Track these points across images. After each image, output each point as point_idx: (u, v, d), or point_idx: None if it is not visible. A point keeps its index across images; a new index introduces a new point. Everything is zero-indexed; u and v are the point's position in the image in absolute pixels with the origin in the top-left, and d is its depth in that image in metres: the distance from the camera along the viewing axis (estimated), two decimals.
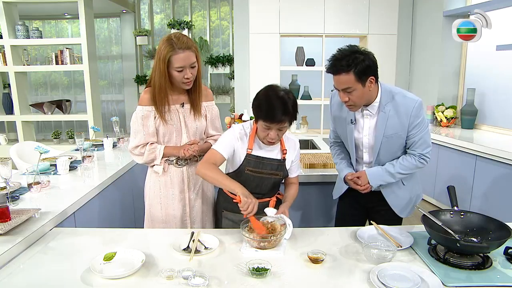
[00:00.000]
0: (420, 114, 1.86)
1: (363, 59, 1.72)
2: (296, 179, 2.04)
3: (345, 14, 4.93)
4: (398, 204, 2.03)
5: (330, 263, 1.49)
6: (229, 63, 7.32)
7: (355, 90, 1.75)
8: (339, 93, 1.81)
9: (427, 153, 1.93)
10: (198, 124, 2.06)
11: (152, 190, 2.09)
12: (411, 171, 1.95)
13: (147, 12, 7.69)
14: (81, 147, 2.89)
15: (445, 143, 4.03)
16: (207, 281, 1.30)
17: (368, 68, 1.73)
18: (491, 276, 1.37)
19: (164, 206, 2.07)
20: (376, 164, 1.98)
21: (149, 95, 1.95)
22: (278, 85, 1.79)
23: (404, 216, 2.06)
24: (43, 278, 1.38)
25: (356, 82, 1.73)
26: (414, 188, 2.09)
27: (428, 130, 1.94)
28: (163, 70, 1.85)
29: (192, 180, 2.09)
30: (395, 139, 1.90)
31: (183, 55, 1.83)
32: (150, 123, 1.97)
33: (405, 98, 1.87)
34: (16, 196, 2.08)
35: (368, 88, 1.78)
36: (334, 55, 1.77)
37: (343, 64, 1.71)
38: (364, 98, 1.81)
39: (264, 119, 1.72)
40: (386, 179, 1.94)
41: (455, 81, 4.83)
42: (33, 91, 7.94)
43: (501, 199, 3.31)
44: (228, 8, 7.59)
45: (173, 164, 2.05)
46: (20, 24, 5.42)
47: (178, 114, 2.01)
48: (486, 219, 1.59)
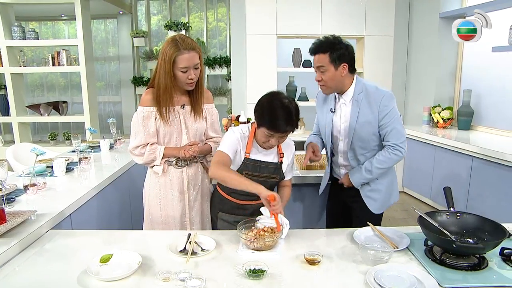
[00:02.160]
0: (389, 104, 2.00)
1: (340, 47, 1.94)
2: (289, 182, 2.06)
3: (342, 16, 4.94)
4: (372, 201, 2.13)
5: (327, 264, 1.49)
6: (226, 65, 7.32)
7: (328, 71, 1.96)
8: (316, 73, 2.03)
9: (400, 143, 2.02)
10: (199, 125, 2.06)
11: (151, 191, 2.09)
12: (388, 164, 2.04)
13: (144, 13, 7.69)
14: (77, 149, 2.88)
15: (442, 144, 4.05)
16: (203, 283, 1.30)
17: (343, 56, 1.95)
18: (487, 276, 1.37)
19: (163, 207, 2.07)
20: (351, 153, 2.11)
21: (151, 96, 1.95)
22: (281, 92, 1.82)
23: (380, 212, 2.15)
24: (39, 281, 1.38)
25: (329, 63, 1.95)
26: (389, 188, 2.17)
27: (400, 121, 2.06)
28: (169, 70, 1.86)
29: (191, 181, 2.09)
30: (367, 127, 2.03)
31: (188, 55, 1.85)
32: (151, 124, 1.97)
33: (377, 89, 2.04)
34: (12, 198, 2.07)
35: (341, 73, 1.97)
36: (317, 39, 1.99)
37: (322, 46, 1.96)
38: (335, 80, 1.99)
39: (268, 128, 1.73)
40: (366, 176, 2.07)
41: (451, 83, 4.85)
42: (30, 93, 7.92)
43: (497, 200, 3.33)
44: (225, 10, 7.60)
45: (172, 165, 2.05)
46: (17, 25, 5.40)
47: (178, 115, 2.01)
48: (482, 220, 1.60)
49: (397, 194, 2.22)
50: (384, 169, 2.05)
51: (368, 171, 2.05)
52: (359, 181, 2.09)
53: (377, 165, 2.03)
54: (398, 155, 2.01)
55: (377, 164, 2.03)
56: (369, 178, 2.07)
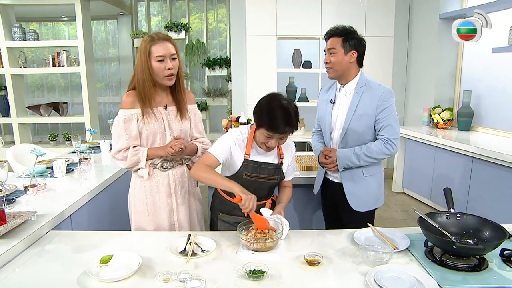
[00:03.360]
0: (389, 100, 2.05)
1: (355, 37, 2.06)
2: (290, 182, 2.06)
3: (342, 17, 4.94)
4: (354, 197, 2.15)
5: (327, 265, 1.49)
6: (226, 65, 7.33)
7: (337, 54, 2.05)
8: (326, 55, 2.12)
9: (394, 139, 2.05)
10: (183, 126, 2.02)
11: (137, 196, 2.03)
12: (376, 155, 2.06)
13: (144, 14, 7.69)
14: (77, 150, 2.88)
15: (442, 145, 4.05)
16: (203, 284, 1.30)
17: (354, 44, 2.05)
18: (488, 277, 1.37)
19: (151, 212, 2.02)
20: (343, 145, 2.14)
21: (132, 98, 1.92)
22: (280, 93, 1.82)
23: (360, 210, 2.16)
24: (39, 281, 1.38)
25: (341, 47, 2.04)
26: (375, 190, 2.19)
27: (397, 120, 2.09)
28: (146, 62, 1.86)
29: (178, 184, 2.05)
30: (364, 119, 2.07)
31: (163, 44, 1.88)
32: (132, 127, 1.93)
33: (379, 85, 2.10)
34: (12, 199, 2.07)
35: (349, 59, 2.05)
36: (335, 26, 2.11)
37: (338, 30, 2.07)
38: (342, 65, 2.06)
39: (267, 129, 1.73)
40: (353, 160, 2.08)
41: (451, 83, 4.85)
42: (30, 93, 7.92)
43: (497, 201, 3.32)
44: (225, 10, 7.60)
45: (158, 167, 2.01)
46: (17, 26, 5.41)
47: (161, 116, 1.97)
48: (482, 221, 1.60)
49: (381, 199, 2.23)
50: (371, 159, 2.06)
51: (356, 156, 2.06)
52: (343, 162, 2.09)
53: (366, 152, 2.05)
54: (389, 149, 2.04)
55: (366, 152, 2.05)
56: (355, 163, 2.07)
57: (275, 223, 1.74)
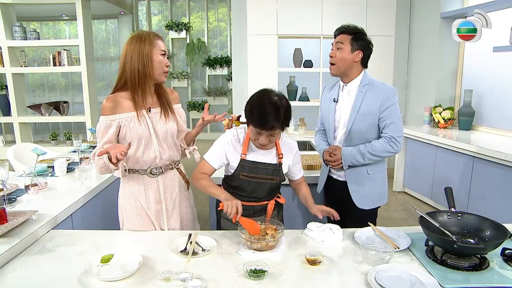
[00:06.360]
0: (392, 98, 2.07)
1: (364, 38, 2.09)
2: (302, 179, 2.07)
3: (342, 16, 4.94)
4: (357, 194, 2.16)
5: (328, 264, 1.49)
6: (227, 65, 7.33)
7: (344, 49, 2.07)
8: (332, 49, 2.13)
9: (398, 137, 2.06)
10: (169, 127, 1.94)
11: (127, 202, 1.97)
12: (381, 153, 2.07)
13: (145, 14, 7.70)
14: (78, 149, 2.88)
15: (443, 144, 4.04)
16: (204, 283, 1.30)
17: (362, 45, 2.07)
18: (489, 277, 1.37)
19: (142, 217, 1.97)
20: (347, 144, 2.15)
21: (113, 103, 1.81)
22: (272, 89, 1.78)
23: (365, 208, 2.16)
24: (40, 281, 1.38)
25: (349, 44, 2.06)
26: (379, 188, 2.20)
27: (400, 118, 2.10)
28: (148, 54, 1.79)
29: (168, 189, 1.99)
30: (367, 117, 2.08)
31: (162, 41, 1.90)
32: (110, 132, 1.82)
33: (383, 84, 2.12)
34: (13, 198, 2.08)
35: (354, 58, 2.07)
36: (347, 24, 2.14)
37: (349, 28, 2.10)
38: (346, 62, 2.07)
39: (255, 125, 1.71)
40: (358, 158, 2.09)
41: (452, 83, 4.84)
42: (31, 93, 7.93)
43: (498, 200, 3.32)
44: (226, 10, 7.60)
45: (146, 174, 1.94)
46: (18, 26, 5.41)
47: (145, 120, 1.87)
48: (483, 220, 1.60)
49: (385, 197, 2.25)
50: (376, 157, 2.07)
51: (361, 154, 2.07)
52: (348, 160, 2.10)
53: (370, 150, 2.06)
54: (393, 147, 2.05)
55: (371, 150, 2.06)
56: (360, 161, 2.08)
57: (330, 231, 1.71)
